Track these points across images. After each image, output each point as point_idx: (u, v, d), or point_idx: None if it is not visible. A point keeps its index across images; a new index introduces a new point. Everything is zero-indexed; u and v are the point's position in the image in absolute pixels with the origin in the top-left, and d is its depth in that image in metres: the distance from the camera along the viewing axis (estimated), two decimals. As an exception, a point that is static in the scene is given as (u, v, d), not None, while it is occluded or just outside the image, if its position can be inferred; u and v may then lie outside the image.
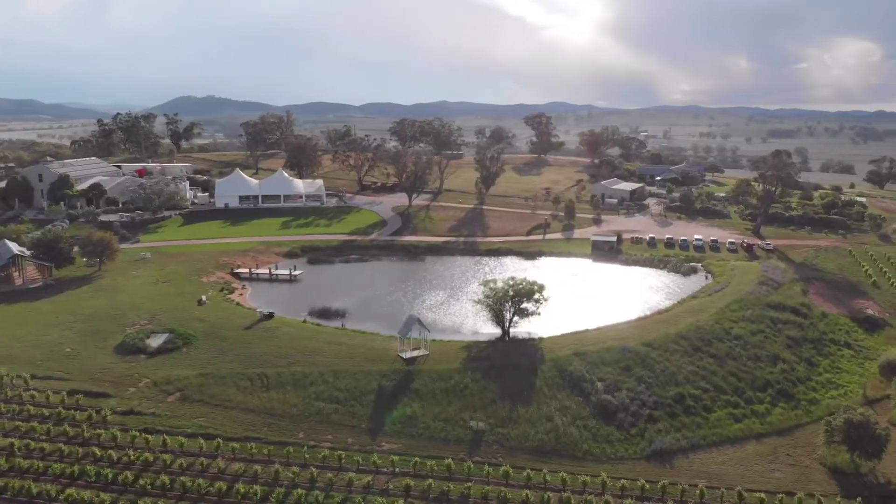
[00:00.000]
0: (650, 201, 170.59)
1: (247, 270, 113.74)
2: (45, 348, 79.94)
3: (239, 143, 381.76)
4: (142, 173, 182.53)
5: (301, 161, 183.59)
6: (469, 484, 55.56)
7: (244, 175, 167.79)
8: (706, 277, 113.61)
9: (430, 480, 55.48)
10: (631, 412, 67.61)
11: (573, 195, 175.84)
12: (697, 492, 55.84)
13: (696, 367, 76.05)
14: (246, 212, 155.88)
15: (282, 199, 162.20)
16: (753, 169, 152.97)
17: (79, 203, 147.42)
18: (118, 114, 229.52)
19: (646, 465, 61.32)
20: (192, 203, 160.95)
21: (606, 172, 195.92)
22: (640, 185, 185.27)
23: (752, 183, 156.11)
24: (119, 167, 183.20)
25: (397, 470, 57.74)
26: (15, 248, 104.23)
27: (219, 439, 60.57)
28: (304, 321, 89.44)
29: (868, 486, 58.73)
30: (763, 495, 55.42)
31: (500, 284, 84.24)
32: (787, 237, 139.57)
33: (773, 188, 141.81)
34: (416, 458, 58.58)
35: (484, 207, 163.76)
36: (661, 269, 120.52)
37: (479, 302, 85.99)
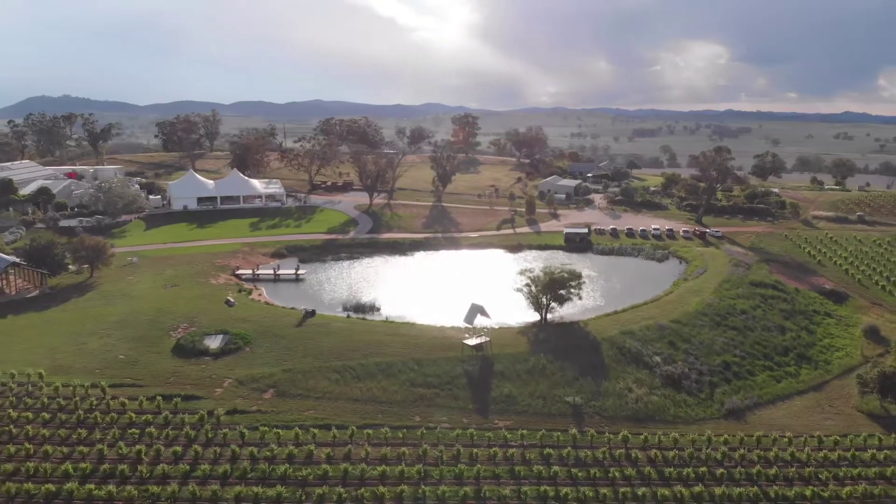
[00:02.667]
0: (594, 196, 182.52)
1: (249, 271, 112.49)
2: (95, 357, 76.93)
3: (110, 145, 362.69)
4: (72, 176, 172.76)
5: (248, 161, 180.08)
6: (603, 448, 61.29)
7: (199, 176, 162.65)
8: (680, 263, 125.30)
9: (569, 448, 60.67)
10: (693, 380, 75.83)
11: (519, 191, 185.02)
12: (786, 439, 64.75)
13: (725, 339, 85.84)
14: (207, 213, 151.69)
15: (241, 199, 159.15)
16: (693, 164, 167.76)
17: (30, 209, 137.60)
18: (30, 114, 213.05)
19: (725, 422, 69.64)
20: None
21: (544, 170, 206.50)
22: (579, 181, 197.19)
23: (689, 178, 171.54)
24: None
25: (526, 443, 62.39)
26: (7, 256, 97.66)
27: (352, 427, 62.44)
28: (349, 316, 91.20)
29: (903, 426, 70.22)
30: (837, 437, 65.30)
31: (537, 272, 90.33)
32: (725, 225, 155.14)
33: (716, 182, 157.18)
34: (543, 431, 63.52)
35: (444, 205, 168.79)
36: (636, 256, 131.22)
37: (518, 290, 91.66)
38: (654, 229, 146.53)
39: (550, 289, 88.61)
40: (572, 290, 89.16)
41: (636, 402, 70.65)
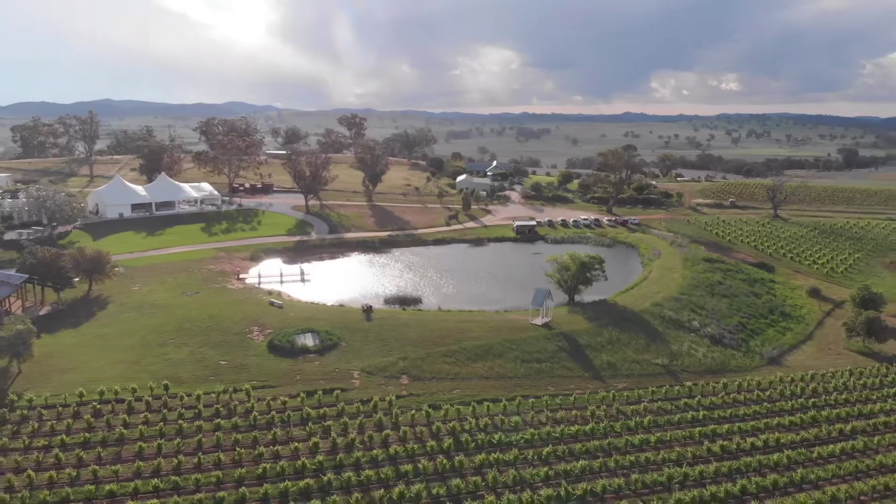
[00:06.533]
0: (510, 192, 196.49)
1: (253, 275, 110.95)
2: (193, 365, 74.88)
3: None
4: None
5: (159, 165, 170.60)
6: (721, 394, 73.62)
7: (127, 182, 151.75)
8: (627, 248, 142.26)
9: (698, 397, 72.18)
10: (728, 338, 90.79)
11: (434, 188, 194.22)
12: (829, 375, 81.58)
13: (724, 305, 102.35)
14: (147, 221, 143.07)
15: (176, 204, 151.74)
16: (600, 160, 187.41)
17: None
18: None
19: (771, 367, 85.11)
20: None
21: (447, 169, 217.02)
22: (487, 179, 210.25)
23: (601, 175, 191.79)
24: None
25: (656, 397, 72.82)
26: (14, 272, 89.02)
27: (519, 398, 68.92)
28: (403, 308, 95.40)
29: (886, 359, 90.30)
30: (862, 369, 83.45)
31: (566, 258, 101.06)
32: (631, 214, 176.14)
33: (623, 177, 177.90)
34: (666, 387, 74.47)
35: (379, 204, 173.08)
36: (585, 244, 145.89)
37: (549, 275, 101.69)
38: (584, 219, 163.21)
39: (581, 272, 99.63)
40: (598, 273, 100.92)
41: (705, 358, 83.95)
